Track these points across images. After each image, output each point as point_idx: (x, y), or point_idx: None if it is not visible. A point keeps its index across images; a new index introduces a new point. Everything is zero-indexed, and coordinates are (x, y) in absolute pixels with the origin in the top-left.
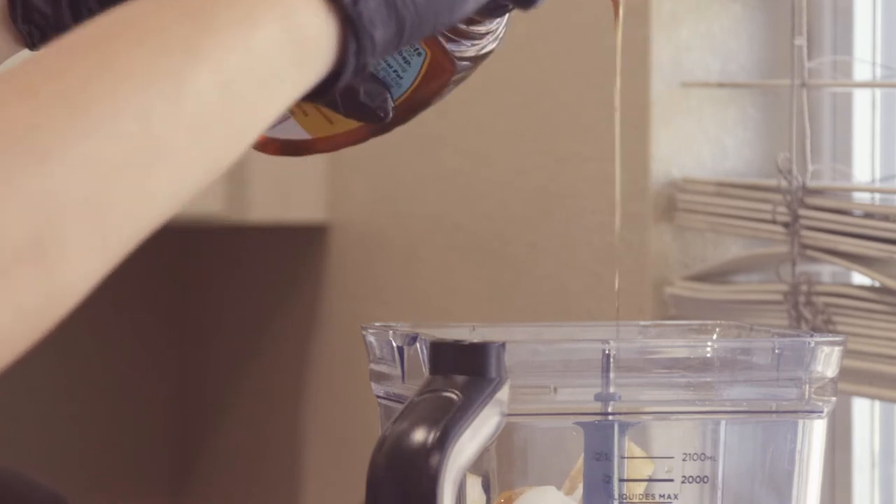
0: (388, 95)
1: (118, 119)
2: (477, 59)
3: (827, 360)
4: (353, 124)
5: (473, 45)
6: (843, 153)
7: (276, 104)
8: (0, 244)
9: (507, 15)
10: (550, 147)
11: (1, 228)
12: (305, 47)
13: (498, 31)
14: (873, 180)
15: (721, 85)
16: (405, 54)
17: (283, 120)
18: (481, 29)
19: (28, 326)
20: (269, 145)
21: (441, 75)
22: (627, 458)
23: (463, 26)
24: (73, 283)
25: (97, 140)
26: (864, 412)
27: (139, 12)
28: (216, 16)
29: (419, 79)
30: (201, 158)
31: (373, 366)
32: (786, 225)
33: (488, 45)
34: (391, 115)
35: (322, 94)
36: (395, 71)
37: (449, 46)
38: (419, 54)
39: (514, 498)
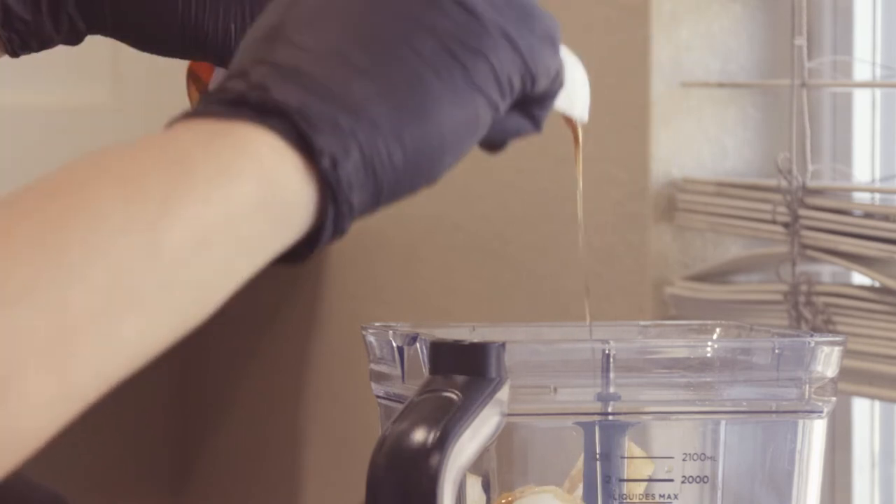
0: None
1: (89, 267)
2: None
3: (827, 360)
4: None
5: None
6: (843, 153)
7: (250, 263)
8: None
9: None
10: (550, 147)
11: None
12: (283, 209)
13: None
14: (873, 180)
15: (721, 85)
16: None
17: None
18: None
19: None
20: None
21: None
22: (627, 458)
23: None
24: (30, 430)
25: (66, 287)
26: (864, 412)
27: (118, 156)
28: (194, 168)
29: None
30: (172, 313)
31: (373, 366)
32: (786, 225)
33: None
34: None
35: (295, 257)
36: None
37: None
38: None
39: (514, 500)
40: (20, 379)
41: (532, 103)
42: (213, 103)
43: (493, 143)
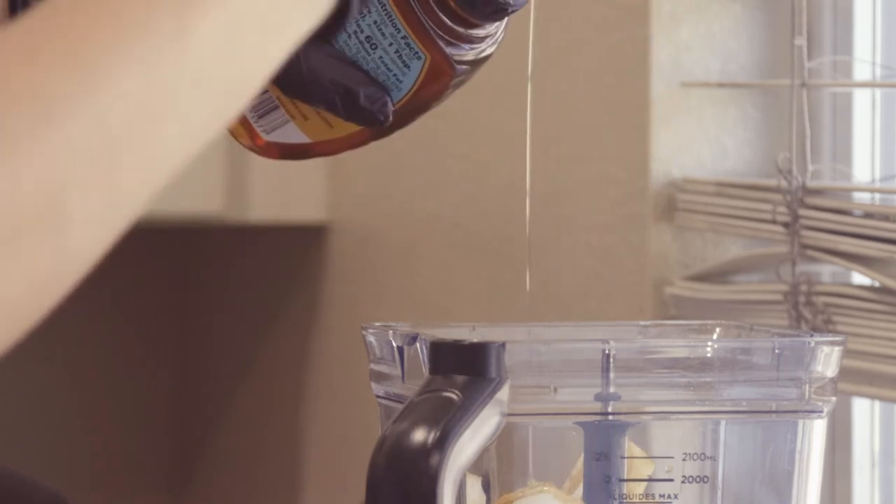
0: (388, 99)
1: (122, 73)
2: (476, 63)
3: (827, 360)
4: (352, 128)
5: (472, 48)
6: (843, 153)
7: (280, 47)
8: (9, 211)
9: (505, 19)
10: (550, 147)
11: (9, 195)
12: None
13: (497, 35)
14: (873, 180)
15: (721, 85)
16: (405, 58)
17: (283, 124)
18: (480, 33)
19: (40, 295)
20: (270, 150)
21: (440, 79)
22: (627, 458)
23: (462, 30)
24: (85, 247)
25: (102, 97)
26: (864, 412)
27: None
28: None
29: (419, 82)
30: (209, 107)
31: (373, 366)
32: (786, 225)
33: (487, 48)
34: (391, 118)
35: (327, 34)
36: (394, 74)
37: (448, 50)
38: (419, 58)
39: (514, 500)
40: (69, 195)
41: None
42: None
43: None
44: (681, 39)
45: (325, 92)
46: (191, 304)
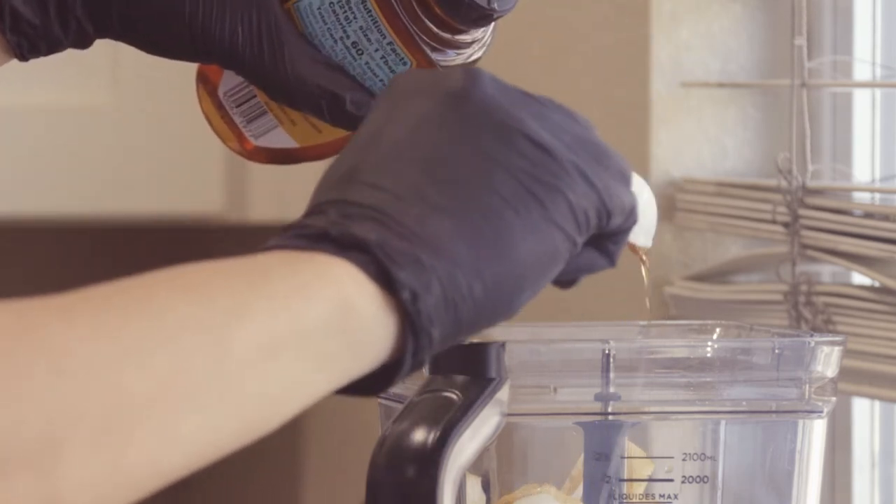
0: None
1: (151, 355)
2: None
3: (827, 360)
4: (340, 133)
5: (459, 54)
6: (843, 153)
7: (321, 382)
8: (6, 443)
9: (493, 23)
10: None
11: (10, 427)
12: (359, 334)
13: (484, 39)
14: (873, 180)
15: (721, 85)
16: (391, 63)
17: (271, 129)
18: (466, 38)
19: None
20: (259, 154)
21: None
22: (627, 458)
23: (447, 36)
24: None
25: (123, 368)
26: (864, 412)
27: (193, 268)
28: (269, 282)
29: None
30: (235, 418)
31: None
32: (786, 225)
33: (475, 53)
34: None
35: (371, 389)
36: (381, 80)
37: (434, 56)
38: (405, 64)
39: (513, 500)
40: (69, 448)
41: (606, 238)
42: (293, 237)
43: (565, 280)
44: (681, 39)
45: (311, 97)
46: None
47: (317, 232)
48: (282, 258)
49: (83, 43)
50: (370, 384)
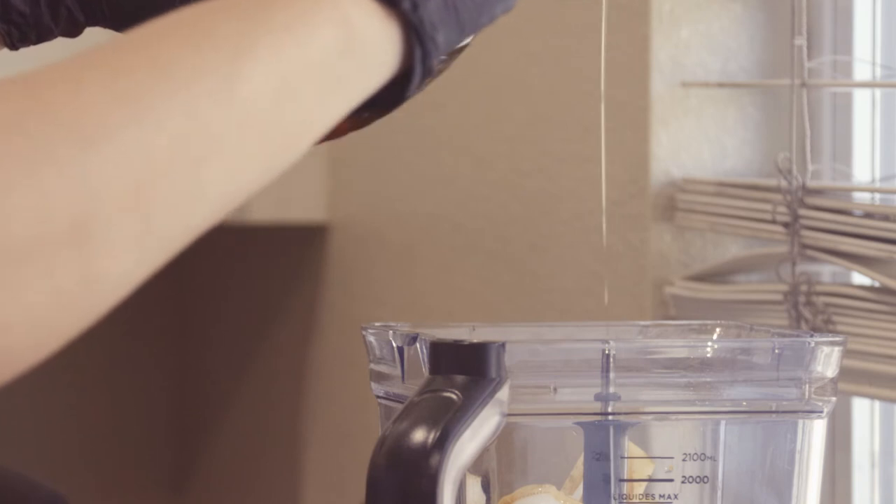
0: None
1: (166, 110)
2: (452, 54)
3: (827, 360)
4: None
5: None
6: (843, 153)
7: (332, 108)
8: (40, 227)
9: None
10: (550, 148)
11: (42, 210)
12: (364, 53)
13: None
14: (873, 180)
15: (721, 85)
16: None
17: None
18: None
19: (66, 313)
20: None
21: None
22: (627, 458)
23: None
24: (113, 274)
25: (143, 130)
26: (864, 412)
27: (191, 13)
28: (271, 17)
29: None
30: (254, 158)
31: (373, 366)
32: (786, 225)
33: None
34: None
35: (391, 102)
36: None
37: None
38: None
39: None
40: (100, 219)
41: None
42: None
43: None
44: (681, 39)
45: None
46: (191, 303)
47: None
48: None
49: (73, 31)
50: (387, 99)
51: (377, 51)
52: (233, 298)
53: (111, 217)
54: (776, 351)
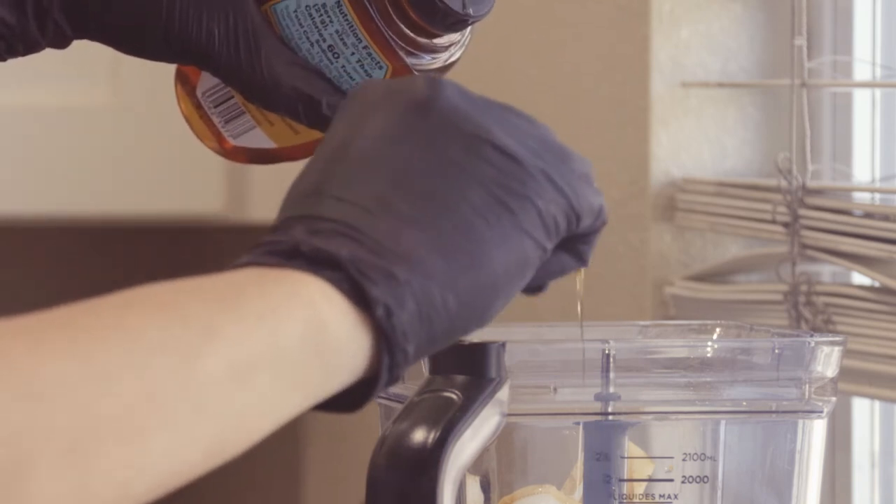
0: None
1: (118, 375)
2: (440, 71)
3: (827, 360)
4: (318, 134)
5: (435, 58)
6: (843, 153)
7: (293, 402)
8: None
9: (468, 27)
10: None
11: None
12: (333, 354)
13: (462, 41)
14: (873, 180)
15: (721, 85)
16: (367, 68)
17: (249, 129)
18: (443, 42)
19: None
20: (237, 154)
21: None
22: (627, 458)
23: (423, 40)
24: None
25: (91, 391)
26: (864, 412)
27: (166, 289)
28: (241, 303)
29: None
30: (203, 437)
31: None
32: (786, 225)
33: (452, 56)
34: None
35: (349, 405)
36: (357, 83)
37: (410, 60)
38: (380, 68)
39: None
40: (36, 473)
41: (576, 240)
42: (264, 254)
43: (535, 286)
44: (681, 39)
45: (287, 100)
46: None
47: (288, 248)
48: (254, 276)
49: (61, 43)
50: (347, 400)
51: (345, 353)
52: None
53: (46, 469)
54: (776, 351)
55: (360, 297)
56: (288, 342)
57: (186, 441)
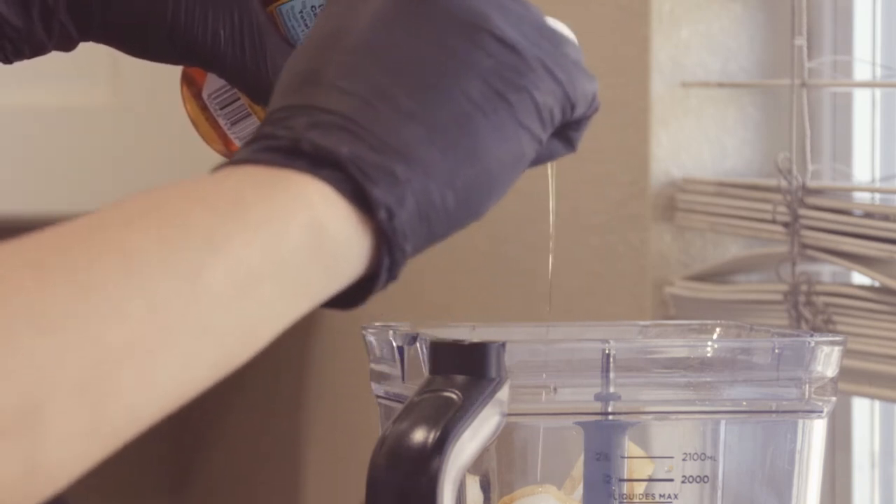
0: None
1: (125, 301)
2: None
3: (827, 360)
4: None
5: None
6: (843, 153)
7: (296, 307)
8: None
9: None
10: None
11: None
12: (333, 256)
13: None
14: (873, 180)
15: (721, 85)
16: None
17: (250, 127)
18: None
19: (4, 499)
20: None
21: None
22: (627, 458)
23: None
24: (57, 464)
25: (100, 319)
26: (864, 412)
27: (166, 199)
28: (242, 211)
29: None
30: (210, 353)
31: (373, 366)
32: (786, 225)
33: None
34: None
35: (348, 303)
36: None
37: None
38: None
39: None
40: (49, 409)
41: (568, 127)
42: (263, 150)
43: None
44: (681, 39)
45: None
46: None
47: (287, 145)
48: (253, 179)
49: (67, 46)
50: (347, 298)
51: (345, 256)
52: None
53: (58, 407)
54: (776, 351)
55: (360, 198)
56: (289, 249)
57: (193, 359)
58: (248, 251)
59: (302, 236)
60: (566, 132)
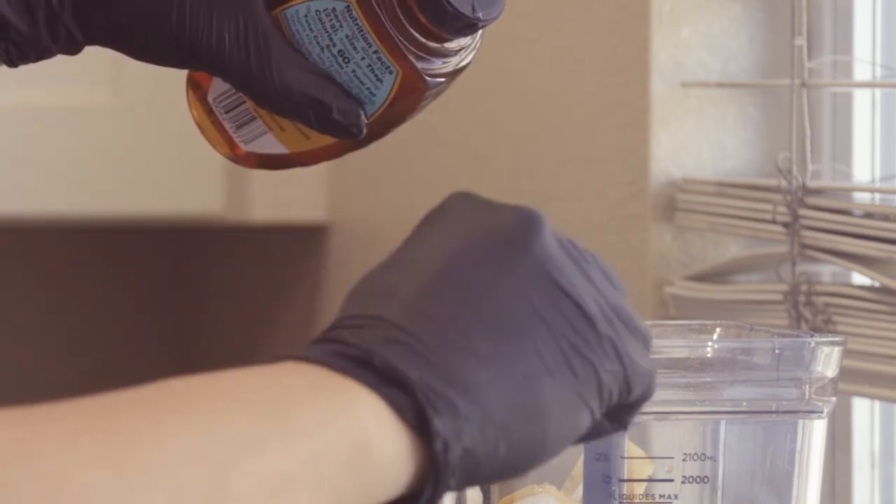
0: (362, 112)
1: (150, 489)
2: (451, 75)
3: (827, 360)
4: (328, 139)
5: (445, 62)
6: (843, 153)
7: None
8: None
9: (479, 31)
10: (551, 148)
11: None
12: (374, 476)
13: (472, 45)
14: (873, 180)
15: (721, 85)
16: (377, 72)
17: (261, 135)
18: (453, 46)
19: None
20: (249, 159)
21: (413, 93)
22: (627, 458)
23: (433, 45)
24: None
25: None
26: (864, 412)
27: (209, 383)
28: (289, 412)
29: (391, 96)
30: None
31: None
32: (786, 225)
33: (464, 59)
34: (364, 131)
35: None
36: (367, 88)
37: (420, 65)
38: (391, 72)
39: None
40: None
41: (621, 408)
42: (333, 354)
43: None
44: (681, 39)
45: (298, 105)
46: (191, 304)
47: (359, 355)
48: (310, 382)
49: (72, 50)
50: None
51: (387, 476)
52: (233, 298)
53: None
54: (776, 351)
55: (420, 426)
56: (330, 461)
57: None
58: (286, 453)
59: (346, 448)
60: (618, 413)
